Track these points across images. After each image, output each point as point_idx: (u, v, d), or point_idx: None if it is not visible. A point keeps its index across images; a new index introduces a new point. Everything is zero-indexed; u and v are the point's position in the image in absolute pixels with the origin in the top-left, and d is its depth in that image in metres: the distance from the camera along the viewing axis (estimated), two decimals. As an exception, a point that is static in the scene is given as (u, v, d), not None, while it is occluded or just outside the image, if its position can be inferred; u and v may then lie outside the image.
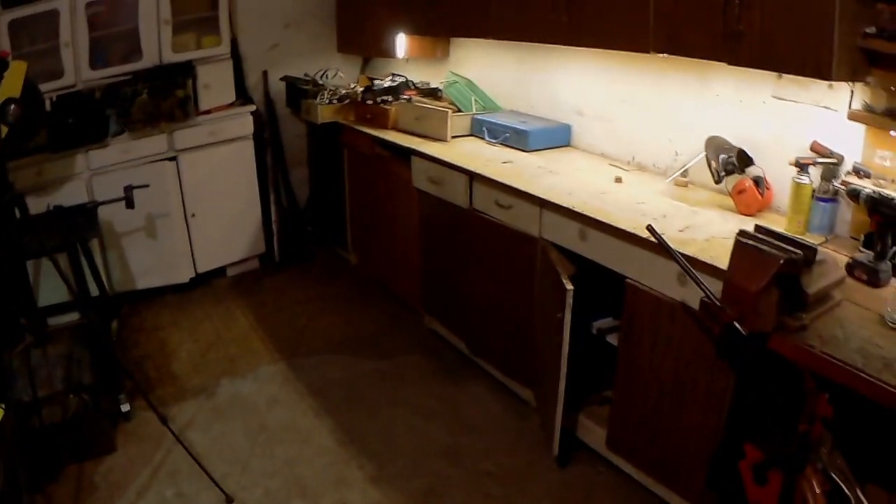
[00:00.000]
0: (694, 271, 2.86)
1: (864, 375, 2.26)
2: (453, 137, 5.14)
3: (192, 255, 6.07)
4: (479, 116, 5.23)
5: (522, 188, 4.08)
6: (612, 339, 4.00)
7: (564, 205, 3.79)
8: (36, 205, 4.43)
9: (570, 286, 3.58)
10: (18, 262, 4.19)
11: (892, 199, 2.84)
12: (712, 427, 3.27)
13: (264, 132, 6.45)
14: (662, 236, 2.98)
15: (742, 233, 2.64)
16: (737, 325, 2.51)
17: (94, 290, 4.64)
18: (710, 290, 2.70)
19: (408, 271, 5.54)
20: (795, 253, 2.47)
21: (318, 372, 5.01)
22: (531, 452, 4.17)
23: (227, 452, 4.18)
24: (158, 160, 5.65)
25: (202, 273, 6.22)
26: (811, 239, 3.18)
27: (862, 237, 3.13)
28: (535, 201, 4.02)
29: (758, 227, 2.70)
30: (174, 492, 3.88)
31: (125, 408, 4.43)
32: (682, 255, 2.99)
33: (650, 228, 2.98)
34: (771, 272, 2.44)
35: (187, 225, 5.95)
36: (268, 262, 6.74)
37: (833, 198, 3.34)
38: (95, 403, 4.14)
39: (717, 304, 2.63)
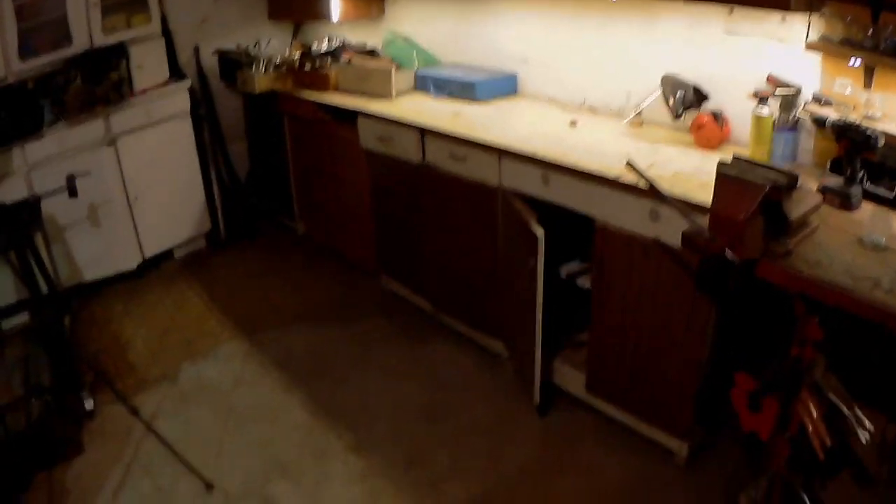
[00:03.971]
0: (682, 203, 2.88)
1: (856, 296, 2.29)
2: (397, 95, 5.08)
3: (138, 239, 5.93)
4: (423, 72, 5.17)
5: (478, 139, 4.04)
6: (583, 282, 4.00)
7: (525, 151, 3.75)
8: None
9: (540, 232, 3.56)
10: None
11: (859, 125, 2.86)
12: (695, 362, 3.30)
13: (200, 108, 6.32)
14: (643, 170, 2.96)
15: (722, 164, 2.62)
16: (728, 253, 2.50)
17: (43, 288, 4.52)
18: (696, 221, 2.69)
19: (360, 234, 5.50)
20: (779, 179, 2.47)
21: (280, 345, 4.95)
22: (509, 403, 4.19)
23: (200, 438, 4.09)
24: (97, 147, 5.49)
25: (150, 258, 6.09)
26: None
27: (828, 163, 3.19)
28: (492, 151, 3.98)
29: (736, 158, 2.69)
30: (151, 485, 3.79)
31: (89, 405, 4.31)
32: (669, 199, 2.99)
33: (630, 163, 2.95)
34: (757, 199, 2.45)
35: (131, 210, 5.81)
36: (215, 239, 6.63)
37: (793, 127, 3.37)
38: (58, 405, 4.08)
39: (706, 235, 2.61)
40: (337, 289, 5.68)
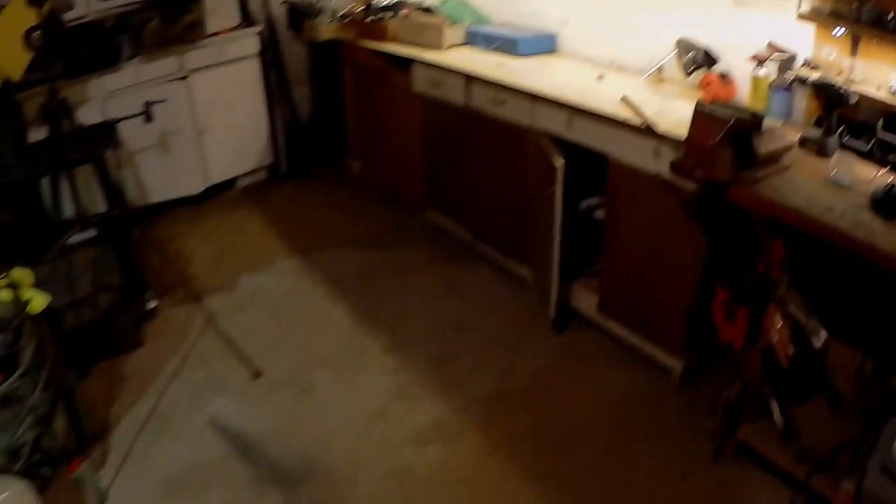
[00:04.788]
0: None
1: (806, 216, 2.75)
2: (448, 48, 5.46)
3: (204, 167, 6.35)
4: (473, 28, 5.55)
5: (516, 84, 4.50)
6: (599, 215, 4.48)
7: (554, 97, 4.23)
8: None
9: (560, 162, 4.04)
10: (55, 172, 4.48)
11: (833, 83, 3.30)
12: (687, 283, 3.78)
13: (268, 52, 6.68)
14: (634, 102, 3.45)
15: (699, 103, 3.11)
16: (697, 172, 3.00)
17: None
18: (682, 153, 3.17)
19: (409, 171, 5.92)
20: (742, 115, 2.96)
21: (331, 264, 5.41)
22: (530, 323, 4.64)
23: (252, 337, 4.59)
24: (169, 80, 5.89)
25: (213, 185, 6.49)
26: (771, 124, 3.65)
27: (814, 119, 3.58)
28: (527, 96, 4.44)
29: (713, 101, 3.16)
30: (204, 374, 4.30)
31: (152, 304, 4.79)
32: (658, 133, 3.47)
33: (625, 98, 3.43)
34: (723, 129, 2.92)
35: (199, 139, 6.23)
36: (275, 173, 7.01)
37: (788, 88, 3.74)
38: (124, 303, 4.48)
39: (681, 158, 3.13)
40: (386, 221, 6.09)
